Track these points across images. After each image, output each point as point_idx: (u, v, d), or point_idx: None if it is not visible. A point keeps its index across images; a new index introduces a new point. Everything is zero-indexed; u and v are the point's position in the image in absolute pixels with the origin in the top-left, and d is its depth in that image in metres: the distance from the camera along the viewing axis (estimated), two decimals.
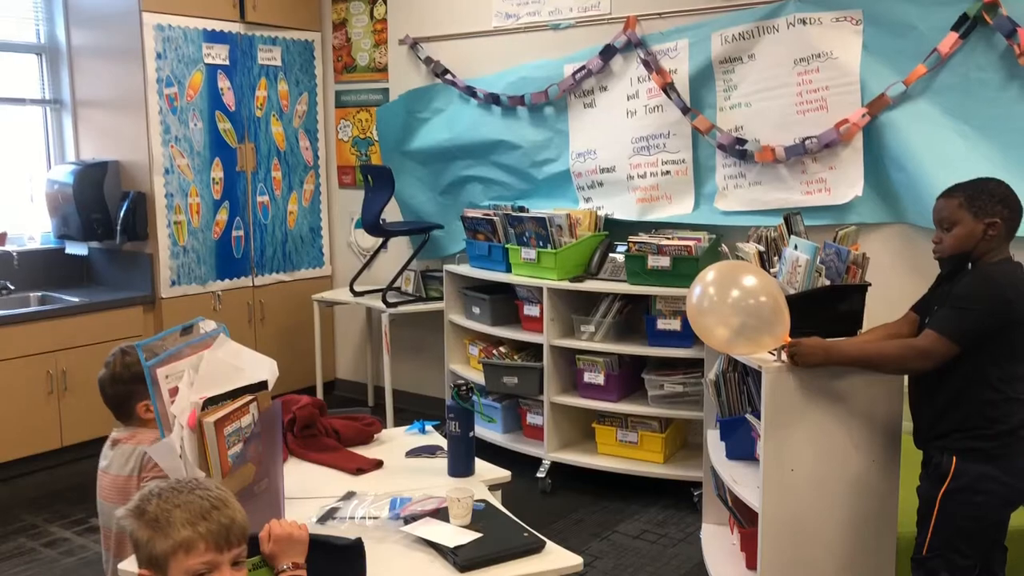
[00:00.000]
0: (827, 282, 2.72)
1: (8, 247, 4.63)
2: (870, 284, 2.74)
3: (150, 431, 2.22)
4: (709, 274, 2.57)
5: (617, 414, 4.00)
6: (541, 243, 4.08)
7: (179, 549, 1.50)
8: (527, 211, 4.30)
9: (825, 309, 2.64)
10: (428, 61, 4.90)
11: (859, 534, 2.62)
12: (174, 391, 1.95)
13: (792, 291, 2.72)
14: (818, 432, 2.56)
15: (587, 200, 4.41)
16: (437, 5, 4.89)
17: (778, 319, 2.44)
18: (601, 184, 4.35)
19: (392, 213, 4.93)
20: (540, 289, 4.05)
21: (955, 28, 3.36)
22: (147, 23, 4.49)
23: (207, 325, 2.09)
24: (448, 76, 4.82)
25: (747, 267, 2.65)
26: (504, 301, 4.34)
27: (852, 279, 2.73)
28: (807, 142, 3.70)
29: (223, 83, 4.85)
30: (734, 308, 2.46)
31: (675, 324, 3.78)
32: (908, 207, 3.55)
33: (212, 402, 1.96)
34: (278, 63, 5.13)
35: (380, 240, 5.02)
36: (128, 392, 2.25)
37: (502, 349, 4.36)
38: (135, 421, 2.28)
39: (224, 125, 4.88)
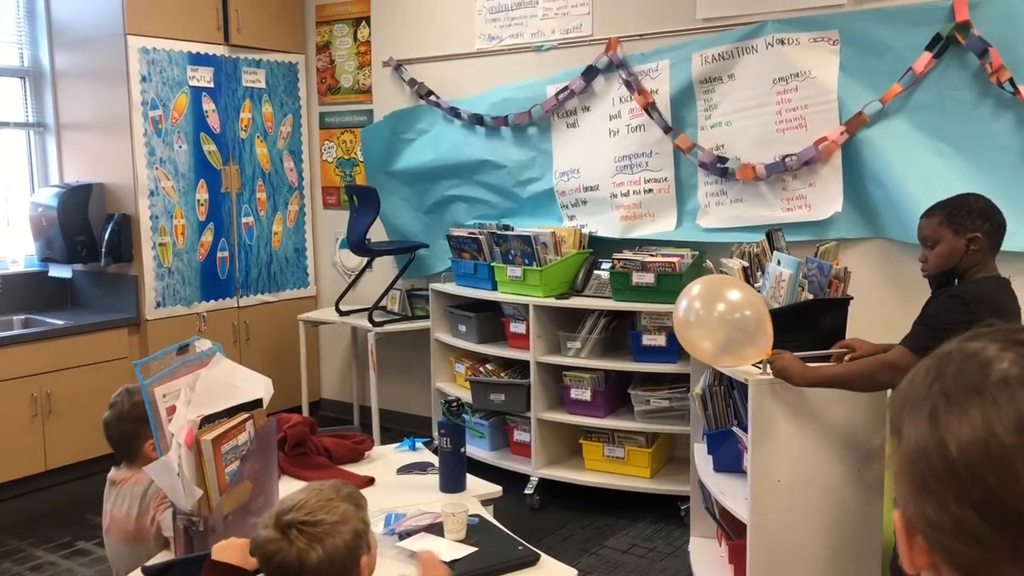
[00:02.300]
0: (810, 296, 2.77)
1: None
2: (852, 298, 2.80)
3: None
4: (695, 288, 2.62)
5: (604, 430, 4.03)
6: (526, 261, 4.12)
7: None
8: (512, 229, 4.35)
9: (809, 322, 2.69)
10: (412, 83, 4.95)
11: (846, 543, 2.66)
12: (171, 410, 1.96)
13: (776, 305, 2.77)
14: (804, 443, 2.61)
15: (571, 218, 4.46)
16: (421, 27, 4.95)
17: (761, 331, 2.50)
18: (585, 202, 4.41)
19: (377, 233, 4.95)
20: (526, 306, 4.09)
21: (929, 48, 3.45)
22: (132, 46, 4.51)
23: (203, 344, 2.11)
24: (432, 97, 4.87)
25: (731, 281, 2.71)
26: (490, 319, 4.37)
27: (835, 293, 2.79)
28: (787, 160, 3.77)
29: (208, 105, 4.88)
30: (720, 321, 2.51)
31: (660, 340, 3.83)
32: (887, 222, 3.63)
33: (209, 420, 1.98)
34: (262, 85, 5.17)
35: (365, 260, 5.04)
36: (135, 431, 2.22)
37: (488, 366, 4.38)
38: (140, 460, 2.23)
39: (209, 147, 4.90)
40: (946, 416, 0.69)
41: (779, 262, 2.90)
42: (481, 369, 4.38)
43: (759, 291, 2.91)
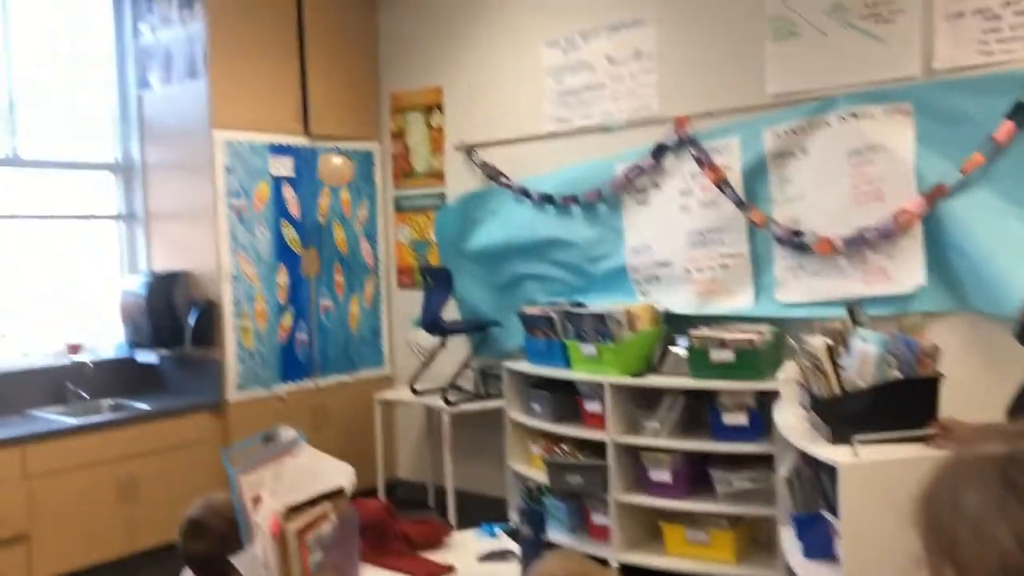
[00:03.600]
0: (899, 375, 2.68)
1: (83, 356, 4.78)
2: (944, 375, 2.70)
3: None
4: None
5: (685, 512, 3.93)
6: (600, 338, 4.10)
7: None
8: (585, 307, 4.34)
9: (899, 403, 2.60)
10: (483, 165, 5.05)
11: None
12: (257, 499, 1.99)
13: (863, 385, 2.69)
14: (900, 530, 2.49)
15: (645, 294, 4.44)
16: (491, 112, 5.07)
17: None
18: (658, 278, 4.38)
19: (451, 312, 5.00)
20: (601, 385, 4.05)
21: (1010, 116, 3.38)
22: (217, 139, 4.71)
23: (287, 433, 2.14)
24: (503, 179, 4.95)
25: None
26: (564, 398, 4.34)
27: (924, 371, 2.70)
28: (865, 232, 3.71)
29: (288, 193, 5.05)
30: None
31: (741, 418, 3.74)
32: (974, 295, 3.51)
33: (293, 510, 1.99)
34: None
35: (439, 339, 5.09)
36: (235, 546, 2.05)
37: (564, 447, 4.33)
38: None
39: (289, 233, 5.06)
40: None
41: (864, 339, 2.82)
42: (557, 449, 4.33)
43: (843, 369, 2.82)
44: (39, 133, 4.80)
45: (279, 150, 5.00)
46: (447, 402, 4.72)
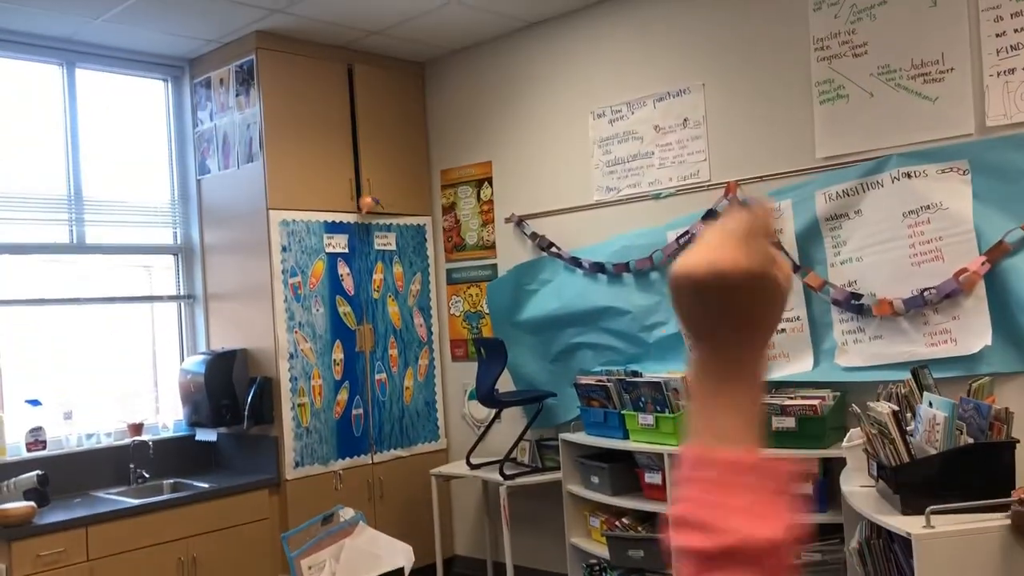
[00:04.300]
0: (970, 440, 2.59)
1: (144, 436, 4.85)
2: (1018, 440, 2.61)
3: None
4: None
5: None
6: (658, 408, 4.04)
7: None
8: (641, 375, 4.29)
9: (972, 470, 2.51)
10: (534, 236, 5.08)
11: None
12: None
13: (933, 451, 2.60)
14: None
15: None
16: (540, 184, 5.12)
17: None
18: None
19: (505, 383, 4.99)
20: (661, 455, 3.98)
21: None
22: (273, 220, 4.83)
23: (346, 513, 2.13)
24: (553, 249, 4.97)
25: None
26: (623, 469, 4.26)
27: (996, 436, 2.60)
28: (926, 293, 3.63)
29: (343, 269, 5.13)
30: None
31: (807, 488, 3.63)
32: None
33: None
34: (393, 247, 5.41)
35: (494, 411, 5.06)
36: None
37: (625, 520, 4.24)
38: None
39: (344, 308, 5.12)
40: None
41: (931, 404, 2.74)
42: (617, 523, 4.24)
43: (912, 436, 2.74)
44: (103, 219, 4.97)
45: (333, 228, 5.11)
46: (504, 475, 4.67)
